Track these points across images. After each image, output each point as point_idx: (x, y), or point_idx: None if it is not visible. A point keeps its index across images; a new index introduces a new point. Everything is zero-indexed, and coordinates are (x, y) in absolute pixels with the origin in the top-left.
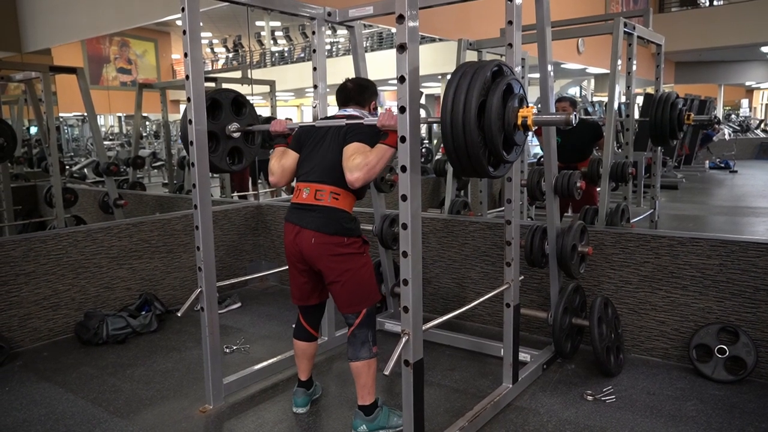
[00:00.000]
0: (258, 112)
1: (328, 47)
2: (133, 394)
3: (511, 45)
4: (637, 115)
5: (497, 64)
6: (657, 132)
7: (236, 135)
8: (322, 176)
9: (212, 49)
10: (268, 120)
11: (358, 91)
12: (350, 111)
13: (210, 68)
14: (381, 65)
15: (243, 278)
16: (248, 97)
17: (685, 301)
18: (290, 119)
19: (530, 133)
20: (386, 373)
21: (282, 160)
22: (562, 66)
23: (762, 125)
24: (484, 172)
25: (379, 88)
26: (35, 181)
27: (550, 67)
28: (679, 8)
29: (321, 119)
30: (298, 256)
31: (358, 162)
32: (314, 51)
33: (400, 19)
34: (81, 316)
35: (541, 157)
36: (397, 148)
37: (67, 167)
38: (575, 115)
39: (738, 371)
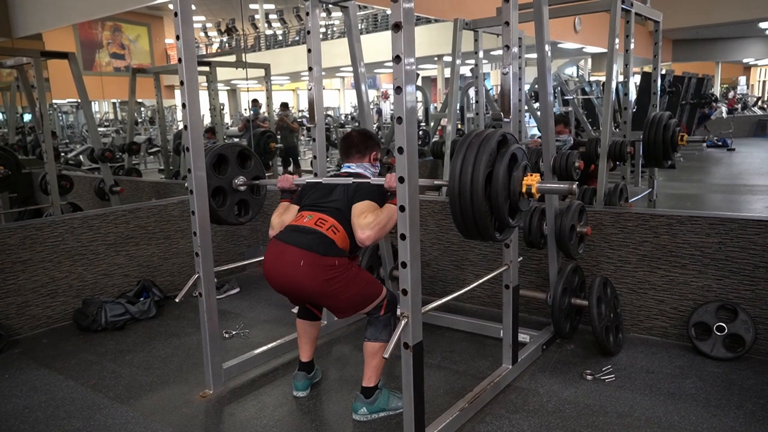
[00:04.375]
0: (254, 96)
1: (323, 30)
2: (133, 380)
3: (507, 23)
4: (634, 94)
5: (502, 134)
6: (650, 153)
7: (243, 188)
8: (328, 212)
9: (206, 33)
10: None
11: (361, 140)
12: (355, 168)
13: (204, 52)
14: (377, 48)
15: (241, 263)
16: (243, 82)
17: (684, 280)
18: (296, 177)
19: (527, 114)
20: (385, 356)
21: (283, 216)
22: (559, 46)
23: (759, 102)
24: (491, 237)
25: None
26: (30, 168)
27: (547, 47)
28: None
29: (328, 176)
30: (279, 283)
31: (370, 221)
32: (308, 32)
33: None
34: (79, 303)
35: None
36: None
37: (62, 154)
38: (576, 187)
39: (736, 348)
